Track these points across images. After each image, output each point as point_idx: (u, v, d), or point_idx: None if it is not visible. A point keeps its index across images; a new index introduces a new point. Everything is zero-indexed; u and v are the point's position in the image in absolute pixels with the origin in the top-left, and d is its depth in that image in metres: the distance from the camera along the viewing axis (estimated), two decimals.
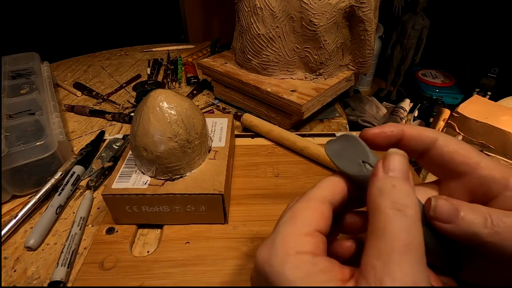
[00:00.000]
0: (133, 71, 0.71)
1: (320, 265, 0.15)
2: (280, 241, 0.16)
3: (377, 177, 0.16)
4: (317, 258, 0.16)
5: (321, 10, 0.43)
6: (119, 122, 0.52)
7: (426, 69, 0.89)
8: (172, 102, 0.29)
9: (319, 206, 0.18)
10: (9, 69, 0.57)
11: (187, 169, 0.31)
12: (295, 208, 0.18)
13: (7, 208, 0.36)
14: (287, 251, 0.16)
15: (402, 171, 0.16)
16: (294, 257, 0.15)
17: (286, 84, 0.48)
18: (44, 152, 0.36)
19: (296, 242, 0.16)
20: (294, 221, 0.17)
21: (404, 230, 0.14)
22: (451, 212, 0.17)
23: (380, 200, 0.15)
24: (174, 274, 0.28)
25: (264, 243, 0.17)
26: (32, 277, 0.29)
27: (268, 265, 0.16)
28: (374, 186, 0.16)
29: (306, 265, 0.15)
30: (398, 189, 0.15)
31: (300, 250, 0.16)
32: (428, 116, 0.55)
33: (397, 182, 0.16)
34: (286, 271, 0.15)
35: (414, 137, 0.20)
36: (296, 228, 0.17)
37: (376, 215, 0.15)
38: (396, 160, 0.17)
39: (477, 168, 0.19)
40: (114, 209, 0.31)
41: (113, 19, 1.02)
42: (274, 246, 0.16)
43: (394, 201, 0.15)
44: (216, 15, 1.03)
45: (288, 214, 0.18)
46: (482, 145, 0.40)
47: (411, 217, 0.15)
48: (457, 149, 0.19)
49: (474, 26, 0.77)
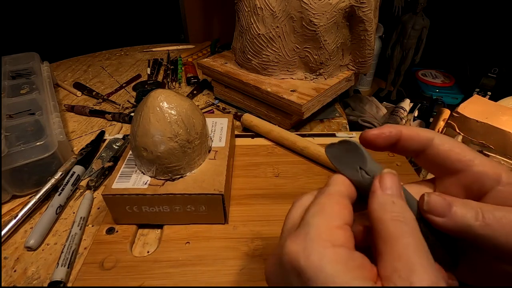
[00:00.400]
0: (133, 71, 0.71)
1: (357, 261, 0.16)
2: (314, 233, 0.16)
3: (376, 195, 0.18)
4: (353, 252, 0.16)
5: (321, 10, 0.43)
6: (119, 122, 0.52)
7: (426, 69, 0.89)
8: (172, 102, 0.29)
9: (342, 200, 0.18)
10: (9, 69, 0.57)
11: (187, 169, 0.31)
12: (319, 202, 0.18)
13: (7, 208, 0.36)
14: (324, 243, 0.16)
15: (397, 189, 0.18)
16: (332, 251, 0.15)
17: (286, 84, 0.48)
18: (44, 152, 0.36)
19: (331, 235, 0.16)
20: (324, 214, 0.17)
21: (411, 236, 0.16)
22: (444, 206, 0.18)
23: (384, 214, 0.17)
24: (174, 274, 0.28)
25: (294, 236, 0.17)
26: (32, 277, 0.29)
27: (304, 258, 0.15)
28: (375, 202, 0.18)
29: (344, 259, 0.15)
30: (397, 205, 0.17)
31: (336, 243, 0.16)
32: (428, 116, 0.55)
33: (395, 199, 0.17)
34: (325, 264, 0.15)
35: (411, 137, 0.22)
36: (328, 221, 0.17)
37: (382, 226, 0.16)
38: (392, 180, 0.18)
39: (471, 165, 0.20)
40: (114, 209, 0.31)
41: (113, 19, 1.02)
42: (309, 239, 0.16)
43: (396, 214, 0.17)
44: (216, 15, 1.03)
45: (315, 208, 0.18)
46: (482, 145, 0.40)
47: (412, 227, 0.16)
48: (452, 148, 0.21)
49: (474, 26, 0.77)
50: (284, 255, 0.16)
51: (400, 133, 0.22)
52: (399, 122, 0.63)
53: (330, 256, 0.15)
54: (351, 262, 0.15)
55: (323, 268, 0.15)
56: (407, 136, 0.22)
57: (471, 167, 0.20)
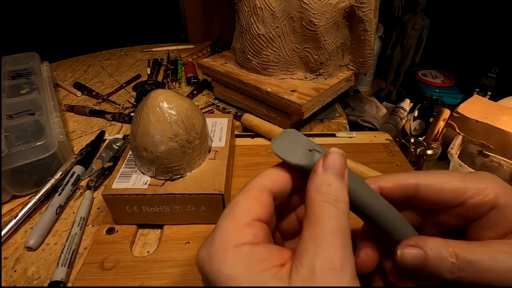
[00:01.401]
0: (133, 71, 0.71)
1: (258, 254, 0.16)
2: (218, 237, 0.16)
3: (316, 174, 0.18)
4: (256, 247, 0.16)
5: (321, 10, 0.43)
6: (119, 122, 0.52)
7: (426, 69, 0.89)
8: (172, 102, 0.29)
9: (257, 195, 0.18)
10: (9, 69, 0.57)
11: (187, 169, 0.31)
12: (234, 201, 0.18)
13: (7, 208, 0.36)
14: (226, 246, 0.16)
15: (339, 170, 0.18)
16: (232, 252, 0.15)
17: (286, 84, 0.48)
18: (44, 152, 0.36)
19: (235, 234, 0.16)
20: (232, 213, 0.17)
21: (335, 218, 0.16)
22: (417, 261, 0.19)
23: (316, 195, 0.17)
24: (175, 274, 0.28)
25: (205, 242, 0.17)
26: (32, 277, 0.29)
27: (208, 265, 0.16)
28: (312, 182, 0.18)
29: (245, 257, 0.15)
30: (333, 187, 0.17)
31: (239, 242, 0.16)
32: (428, 116, 0.55)
33: (333, 180, 0.17)
34: (226, 268, 0.15)
35: (391, 191, 0.21)
36: (235, 221, 0.17)
37: (312, 207, 0.17)
38: (336, 159, 0.18)
39: (465, 199, 0.20)
40: (114, 209, 0.31)
41: (113, 19, 1.02)
42: (213, 243, 0.16)
43: (328, 196, 0.17)
44: (216, 15, 1.03)
45: (227, 208, 0.18)
46: (482, 145, 0.40)
47: (341, 210, 0.16)
48: (442, 187, 0.20)
49: (474, 26, 0.77)
50: (196, 262, 0.17)
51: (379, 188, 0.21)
52: (399, 122, 0.63)
53: (231, 258, 0.15)
54: (252, 257, 0.15)
55: (222, 271, 0.15)
56: (387, 190, 0.21)
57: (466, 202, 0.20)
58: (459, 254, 0.18)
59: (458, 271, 0.18)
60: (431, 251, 0.19)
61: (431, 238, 0.19)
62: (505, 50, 0.70)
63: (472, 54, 0.80)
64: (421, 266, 0.19)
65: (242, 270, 0.15)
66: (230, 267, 0.15)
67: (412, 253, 0.19)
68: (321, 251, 0.15)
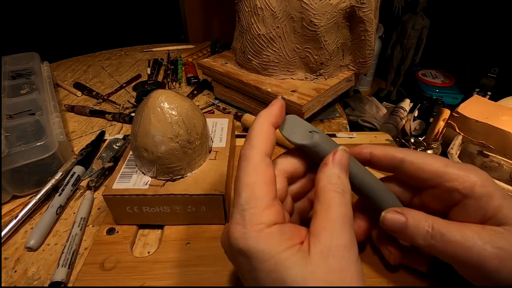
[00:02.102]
0: (133, 71, 0.71)
1: (286, 234, 0.19)
2: (249, 219, 0.19)
3: (327, 166, 0.21)
4: (283, 227, 0.19)
5: (321, 11, 0.43)
6: (120, 122, 0.52)
7: (426, 69, 0.89)
8: (173, 102, 0.29)
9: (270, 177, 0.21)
10: (9, 69, 0.56)
11: (188, 169, 0.31)
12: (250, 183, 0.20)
13: (8, 208, 0.36)
14: (258, 227, 0.18)
15: (345, 165, 0.21)
16: (265, 232, 0.18)
17: (286, 84, 0.48)
18: (45, 152, 0.36)
19: (262, 217, 0.19)
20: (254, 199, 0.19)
21: (344, 206, 0.19)
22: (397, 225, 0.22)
23: (328, 185, 0.20)
24: (175, 274, 0.28)
25: (234, 222, 0.19)
26: (32, 277, 0.29)
27: (244, 243, 0.18)
28: (324, 173, 0.21)
29: (275, 236, 0.18)
30: (341, 180, 0.20)
31: (268, 223, 0.19)
32: (428, 116, 0.55)
33: (341, 173, 0.21)
34: (261, 245, 0.18)
35: (380, 158, 0.25)
36: (259, 205, 0.19)
37: (325, 194, 0.20)
38: (343, 155, 0.21)
39: (441, 182, 0.22)
40: (114, 209, 0.31)
41: (113, 19, 1.02)
42: (246, 225, 0.19)
43: (338, 186, 0.20)
44: (216, 15, 1.03)
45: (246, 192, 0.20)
46: (482, 145, 0.40)
47: (347, 199, 0.20)
48: (423, 166, 0.23)
49: (474, 26, 0.77)
50: (230, 239, 0.19)
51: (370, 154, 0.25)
52: (399, 122, 0.63)
53: (264, 237, 0.18)
54: (282, 236, 0.18)
55: (258, 249, 0.18)
56: (377, 157, 0.25)
57: (441, 184, 0.22)
58: (435, 226, 0.21)
59: (429, 239, 0.21)
60: (412, 219, 0.22)
61: (415, 210, 0.23)
62: (505, 50, 0.70)
63: (472, 54, 0.80)
64: (400, 230, 0.22)
65: (274, 247, 0.18)
66: (265, 244, 0.18)
67: (394, 217, 0.22)
68: (337, 231, 0.18)
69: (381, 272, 0.27)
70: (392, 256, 0.26)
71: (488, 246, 0.19)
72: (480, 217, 0.21)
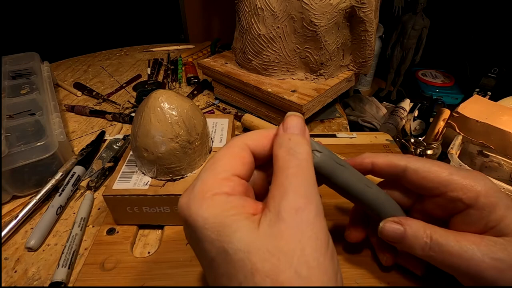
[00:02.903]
0: (133, 71, 0.71)
1: (234, 202, 0.17)
2: (198, 186, 0.18)
3: (278, 135, 0.19)
4: (231, 197, 0.17)
5: (321, 11, 0.43)
6: (120, 122, 0.52)
7: (426, 69, 0.89)
8: (173, 102, 0.29)
9: (238, 152, 0.19)
10: (9, 69, 0.56)
11: (188, 169, 0.31)
12: (216, 155, 0.19)
13: (8, 208, 0.36)
14: (204, 194, 0.17)
15: (297, 128, 0.19)
16: (210, 198, 0.17)
17: (286, 84, 0.48)
18: (45, 152, 0.36)
19: (214, 185, 0.17)
20: (213, 167, 0.18)
21: (297, 166, 0.17)
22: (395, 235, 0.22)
23: (279, 150, 0.18)
24: (175, 274, 0.28)
25: (186, 190, 0.18)
26: (32, 277, 0.29)
27: (187, 209, 0.17)
28: (275, 142, 0.19)
29: (220, 203, 0.17)
30: (292, 141, 0.18)
31: (217, 192, 0.17)
32: (428, 116, 0.55)
33: (292, 136, 0.19)
34: (202, 211, 0.16)
35: (383, 168, 0.24)
36: (214, 174, 0.18)
37: (276, 160, 0.18)
38: (293, 120, 0.20)
39: (445, 192, 0.22)
40: (114, 209, 0.31)
41: (113, 19, 1.02)
42: (193, 191, 0.17)
43: (289, 149, 0.18)
44: (216, 15, 1.03)
45: (209, 162, 0.19)
46: (482, 145, 0.40)
47: (302, 159, 0.18)
48: (427, 175, 0.22)
49: (474, 26, 0.77)
50: (178, 207, 0.18)
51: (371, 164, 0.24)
52: (399, 122, 0.63)
53: (207, 203, 0.17)
54: (227, 204, 0.16)
55: (199, 214, 0.16)
56: (379, 166, 0.24)
57: (445, 193, 0.22)
58: (433, 236, 0.21)
59: (428, 250, 0.21)
60: (410, 229, 0.22)
61: (414, 219, 0.22)
62: (505, 50, 0.70)
63: (472, 54, 0.80)
64: (399, 241, 0.22)
65: (217, 213, 0.16)
66: (206, 210, 0.16)
67: (393, 227, 0.22)
68: (286, 195, 0.16)
69: (377, 273, 0.27)
70: (385, 258, 0.26)
71: (486, 258, 0.19)
72: (481, 227, 0.21)
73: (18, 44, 0.72)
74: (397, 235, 0.22)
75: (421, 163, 0.23)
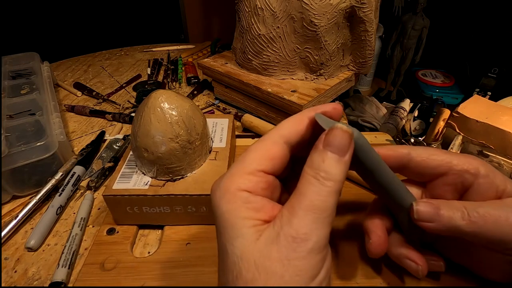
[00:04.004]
0: (133, 71, 0.71)
1: (252, 204, 0.17)
2: (226, 177, 0.19)
3: (315, 150, 0.18)
4: (252, 197, 0.18)
5: (321, 11, 0.43)
6: (120, 122, 0.52)
7: (426, 69, 0.89)
8: (173, 102, 0.29)
9: (269, 146, 0.19)
10: (9, 69, 0.56)
11: (188, 169, 0.31)
12: (249, 148, 0.20)
13: (8, 208, 0.36)
14: (229, 187, 0.18)
15: (338, 147, 0.18)
16: (232, 193, 0.18)
17: (286, 84, 0.48)
18: (45, 152, 0.36)
19: (238, 180, 0.18)
20: (243, 160, 0.19)
21: (317, 194, 0.17)
22: (432, 212, 0.21)
23: (308, 169, 0.18)
24: (175, 274, 0.28)
25: (219, 178, 0.19)
26: (32, 277, 0.29)
27: (213, 196, 0.18)
28: (309, 156, 0.18)
29: (238, 201, 0.17)
30: (326, 164, 0.17)
31: (240, 187, 0.18)
32: (428, 116, 0.55)
33: (327, 157, 0.17)
34: (222, 204, 0.18)
35: (389, 156, 0.24)
36: (242, 167, 0.19)
37: (301, 179, 0.18)
38: (337, 136, 0.18)
39: (451, 167, 0.23)
40: (114, 209, 0.31)
41: (113, 19, 1.02)
42: (221, 181, 0.19)
43: (318, 172, 0.17)
44: (216, 15, 1.03)
45: (242, 154, 0.20)
46: (482, 145, 0.40)
47: (328, 187, 0.17)
48: (430, 156, 0.23)
49: (474, 26, 0.77)
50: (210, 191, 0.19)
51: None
52: (399, 122, 0.63)
53: (228, 197, 0.18)
54: (244, 204, 0.17)
55: (220, 206, 0.18)
56: (385, 156, 0.24)
57: (451, 169, 0.23)
58: (467, 206, 0.21)
59: (468, 218, 0.20)
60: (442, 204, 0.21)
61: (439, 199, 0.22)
62: (505, 50, 0.70)
63: (472, 54, 0.80)
64: (435, 218, 0.21)
65: (232, 210, 0.17)
66: (226, 204, 0.17)
67: (427, 205, 0.21)
68: (292, 219, 0.16)
69: (377, 273, 0.27)
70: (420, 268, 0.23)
71: None
72: (494, 193, 0.22)
73: (18, 44, 0.72)
74: (433, 213, 0.21)
75: (422, 148, 0.24)
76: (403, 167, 0.24)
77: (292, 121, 0.21)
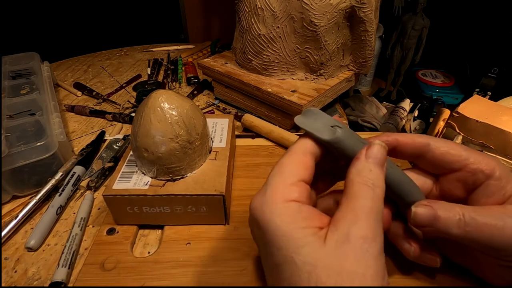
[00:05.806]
0: (133, 71, 0.71)
1: (303, 213, 0.18)
2: (270, 191, 0.19)
3: (358, 161, 0.20)
4: (302, 206, 0.19)
5: (321, 11, 0.43)
6: (120, 122, 0.52)
7: (426, 69, 0.89)
8: (173, 102, 0.29)
9: (302, 158, 0.21)
10: (9, 69, 0.56)
11: (188, 170, 0.31)
12: (281, 162, 0.21)
13: (8, 208, 0.36)
14: (276, 200, 0.18)
15: (379, 159, 0.20)
16: (282, 205, 0.18)
17: (286, 84, 0.48)
18: (45, 152, 0.36)
19: (284, 191, 0.19)
20: (281, 173, 0.20)
21: (371, 199, 0.18)
22: (429, 218, 0.21)
23: (357, 178, 0.19)
24: (175, 274, 0.28)
25: (258, 193, 0.20)
26: (32, 277, 0.29)
27: (260, 212, 0.19)
28: (354, 167, 0.20)
29: (292, 212, 0.18)
30: (373, 173, 0.19)
31: (287, 198, 0.19)
32: (428, 116, 0.55)
33: (373, 167, 0.19)
34: (275, 217, 0.18)
35: (407, 144, 0.24)
36: (283, 179, 0.19)
37: (352, 186, 0.19)
38: (377, 150, 0.20)
39: (467, 164, 0.23)
40: (115, 209, 0.31)
41: (113, 19, 1.02)
42: (265, 196, 0.19)
43: (368, 180, 0.19)
44: (216, 15, 1.03)
45: (276, 168, 0.21)
46: (482, 145, 0.40)
47: (377, 194, 0.19)
48: (448, 150, 0.23)
49: (474, 26, 0.77)
50: (250, 209, 0.20)
51: (397, 141, 0.24)
52: (399, 122, 0.63)
53: (280, 210, 0.18)
54: (298, 214, 0.18)
55: (272, 220, 0.18)
56: (404, 143, 0.24)
57: (467, 166, 0.23)
58: (465, 212, 0.21)
59: (464, 226, 0.20)
60: (441, 209, 0.21)
61: (440, 201, 0.22)
62: (505, 50, 0.70)
63: (472, 54, 0.80)
64: (432, 223, 0.21)
65: (289, 222, 0.18)
66: (278, 216, 0.18)
67: (425, 210, 0.22)
68: (357, 221, 0.17)
69: None
70: (412, 249, 0.24)
71: None
72: (500, 198, 0.22)
73: (18, 44, 0.72)
74: (429, 217, 0.21)
75: (441, 140, 0.24)
76: (419, 156, 0.24)
77: None
